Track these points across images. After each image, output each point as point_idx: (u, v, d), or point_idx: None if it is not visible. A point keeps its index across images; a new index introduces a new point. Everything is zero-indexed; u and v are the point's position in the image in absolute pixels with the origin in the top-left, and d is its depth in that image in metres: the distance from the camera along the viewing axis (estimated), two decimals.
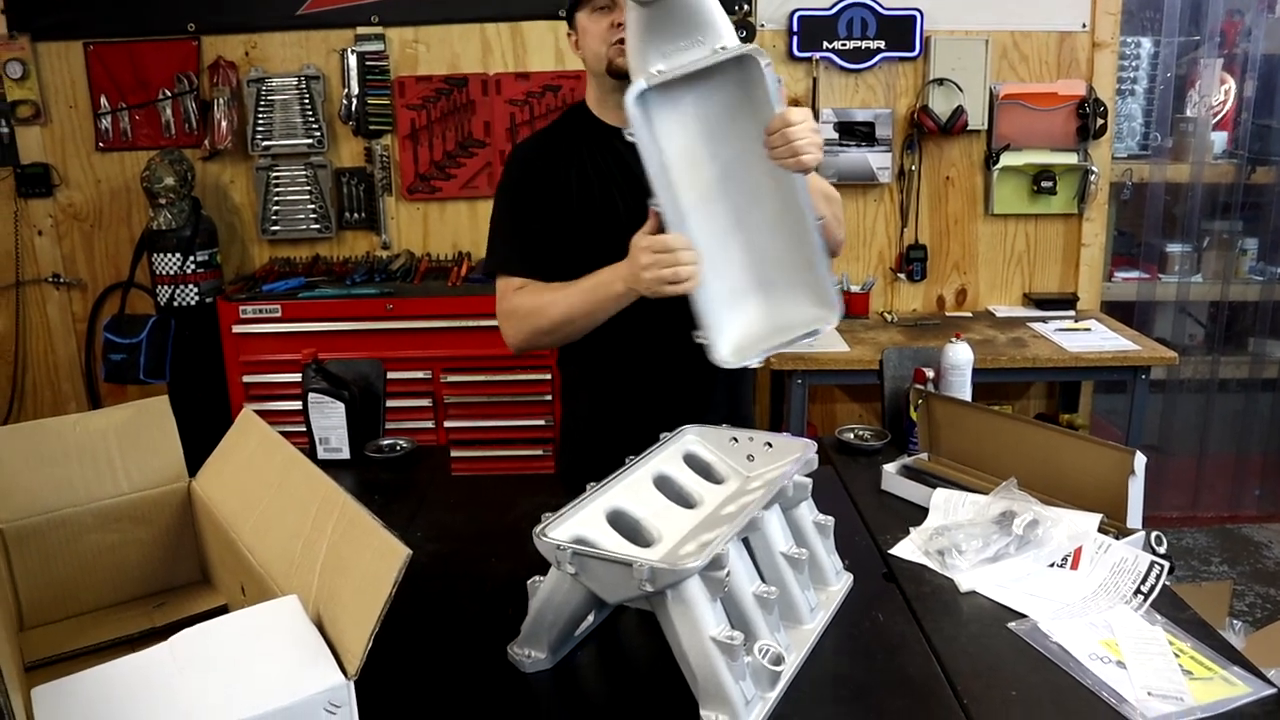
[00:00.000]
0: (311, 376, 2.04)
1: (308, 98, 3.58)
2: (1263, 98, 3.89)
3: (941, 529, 1.67)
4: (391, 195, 3.70)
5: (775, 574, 1.37)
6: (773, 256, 1.73)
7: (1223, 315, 4.11)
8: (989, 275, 3.82)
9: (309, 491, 1.26)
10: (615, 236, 1.73)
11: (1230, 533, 4.04)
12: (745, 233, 1.73)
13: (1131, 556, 1.54)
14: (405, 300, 3.29)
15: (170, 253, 3.44)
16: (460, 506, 1.91)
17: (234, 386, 3.36)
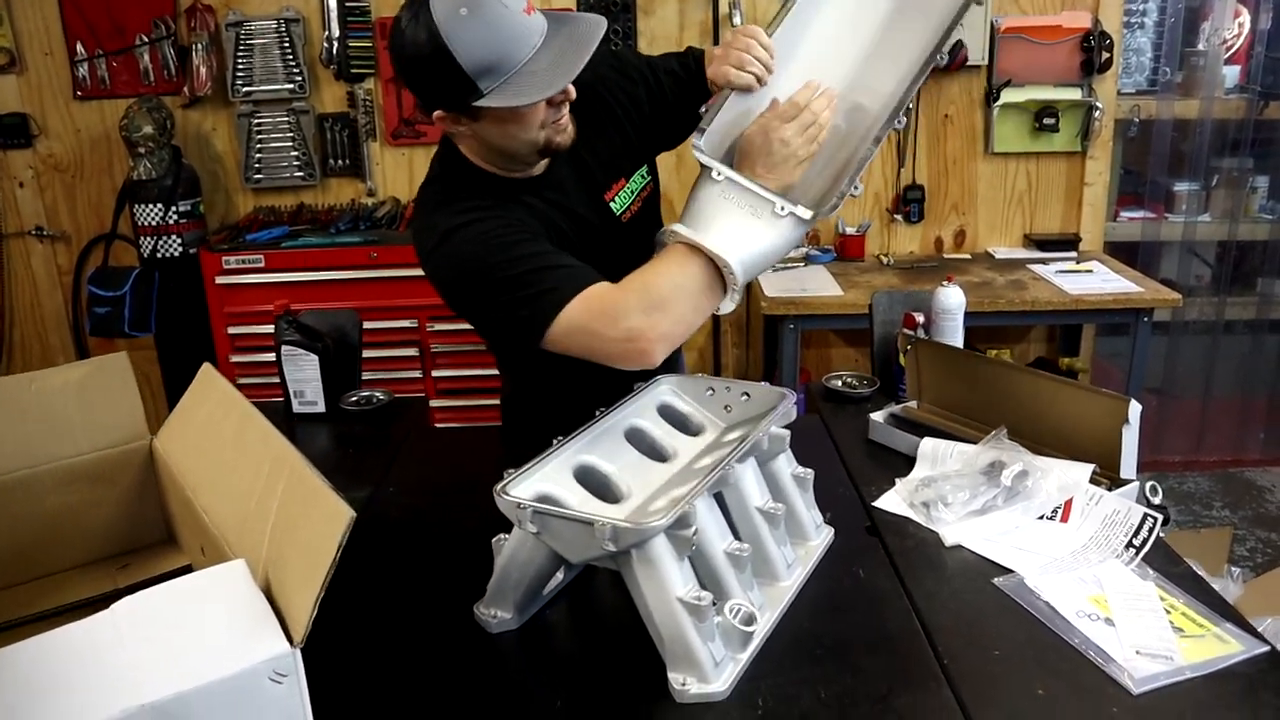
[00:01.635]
0: (284, 329, 1.99)
1: (288, 41, 3.48)
2: (1277, 30, 3.76)
3: (928, 480, 1.63)
4: (375, 141, 3.61)
5: (750, 530, 1.32)
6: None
7: (1230, 255, 4.02)
8: (988, 216, 3.73)
9: (263, 450, 1.21)
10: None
11: (1233, 477, 3.99)
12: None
13: (1124, 508, 1.49)
14: (390, 248, 3.22)
15: (152, 203, 3.36)
16: (437, 459, 1.87)
17: (219, 338, 3.31)
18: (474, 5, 1.34)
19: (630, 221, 1.73)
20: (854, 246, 3.61)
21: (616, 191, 1.71)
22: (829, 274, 3.41)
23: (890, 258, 3.62)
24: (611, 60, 1.72)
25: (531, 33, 1.38)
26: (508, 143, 1.50)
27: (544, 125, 1.49)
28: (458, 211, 1.52)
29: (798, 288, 3.23)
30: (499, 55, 1.36)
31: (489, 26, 1.35)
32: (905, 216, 3.68)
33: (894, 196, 3.69)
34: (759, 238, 1.44)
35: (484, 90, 1.38)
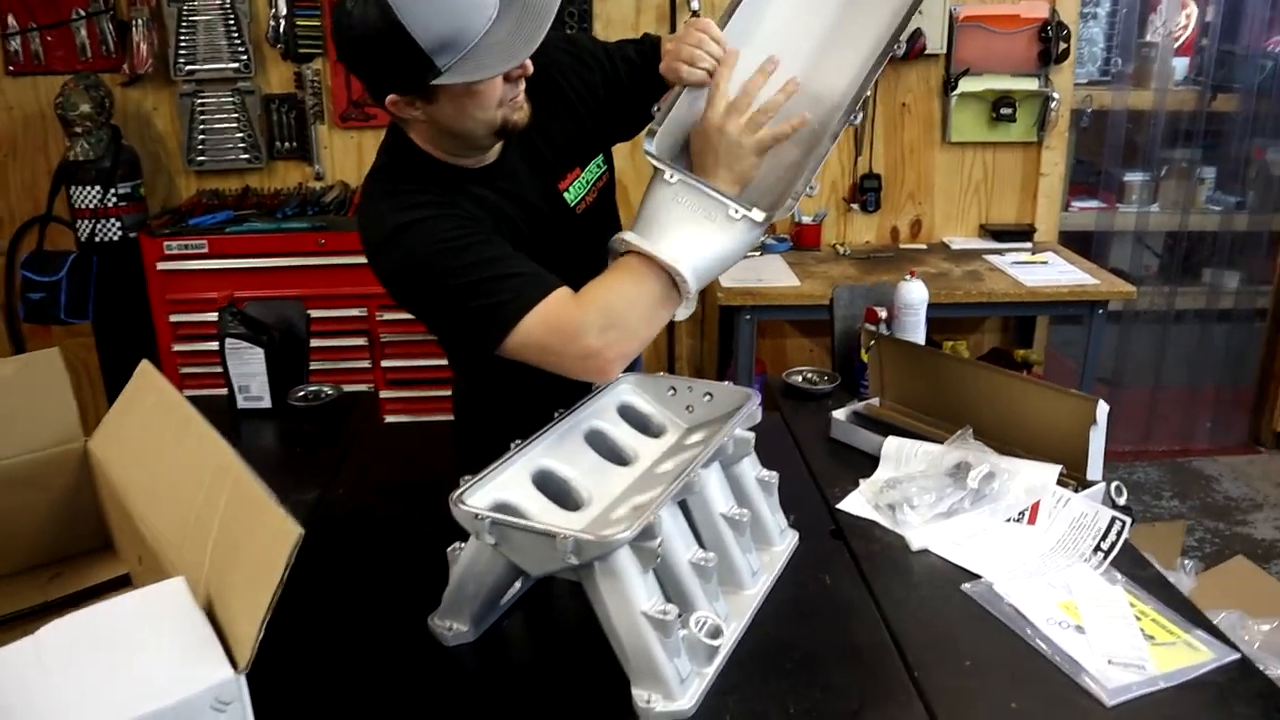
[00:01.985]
0: (228, 321, 1.92)
1: (232, 18, 3.36)
2: (1225, 24, 3.80)
3: (893, 481, 1.60)
4: (324, 123, 3.51)
5: (714, 537, 1.28)
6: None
7: (1181, 246, 4.07)
8: (945, 206, 3.72)
9: (203, 457, 1.15)
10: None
11: (1181, 467, 4.05)
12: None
13: (1092, 511, 1.48)
14: (339, 235, 3.13)
15: (89, 185, 3.24)
16: (387, 458, 1.80)
17: (160, 326, 3.20)
18: None
19: (585, 213, 1.67)
20: (810, 236, 3.58)
21: (571, 181, 1.65)
22: (785, 264, 3.38)
23: (846, 247, 3.60)
24: (567, 46, 1.66)
25: (486, 4, 1.32)
26: (464, 123, 1.42)
27: (502, 103, 1.42)
28: (407, 206, 1.44)
29: (754, 278, 3.20)
30: (456, 28, 1.29)
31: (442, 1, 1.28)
32: (862, 206, 3.66)
33: (851, 185, 3.67)
34: (713, 243, 1.41)
35: (442, 68, 1.31)
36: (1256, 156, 4.01)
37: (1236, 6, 3.79)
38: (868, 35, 1.49)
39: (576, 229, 1.65)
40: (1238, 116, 3.93)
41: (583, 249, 1.60)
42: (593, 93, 1.66)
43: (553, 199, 1.63)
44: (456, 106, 1.39)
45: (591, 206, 1.68)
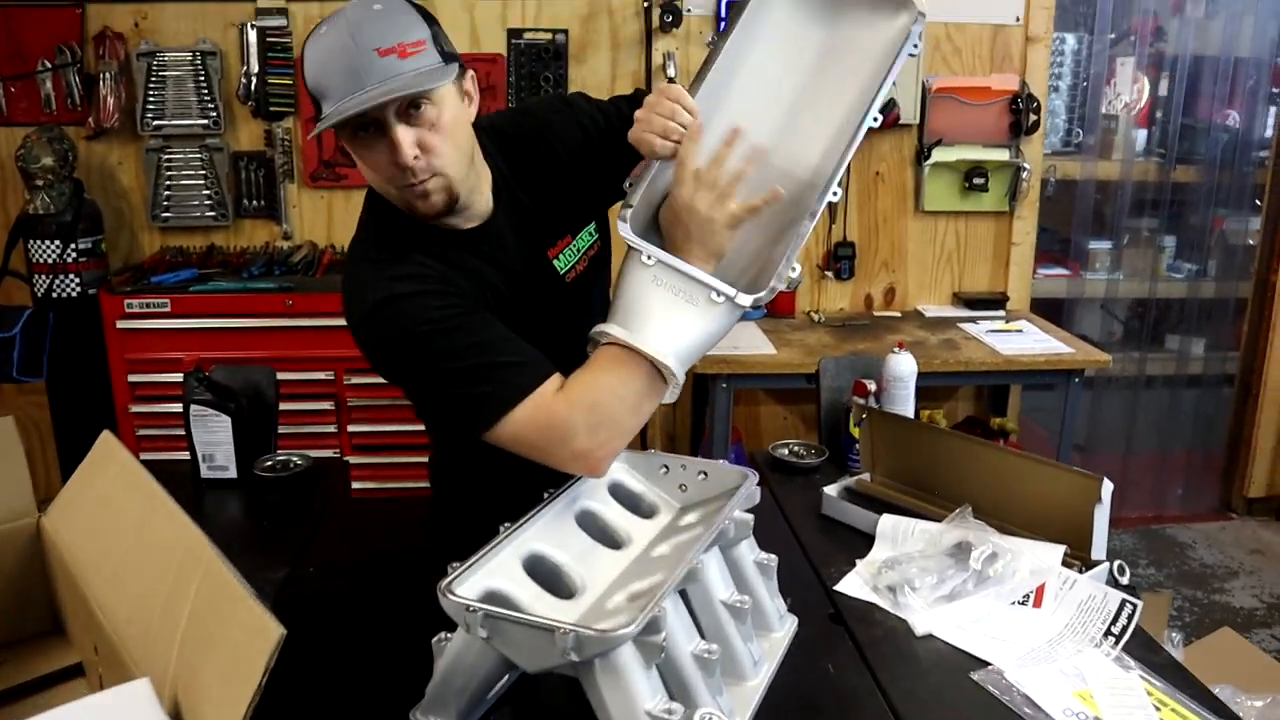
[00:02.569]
0: (194, 386, 1.83)
1: (203, 75, 3.31)
2: (1177, 97, 3.88)
3: (891, 561, 1.54)
4: (293, 182, 3.44)
5: (715, 626, 1.21)
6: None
7: (1150, 313, 4.11)
8: (918, 274, 3.72)
9: (171, 540, 1.06)
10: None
11: (1155, 534, 4.03)
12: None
13: (1100, 594, 1.43)
14: (307, 296, 3.04)
15: (49, 239, 3.14)
16: (360, 534, 1.72)
17: (119, 387, 3.08)
18: (330, 28, 1.29)
19: (575, 282, 1.61)
20: (785, 302, 3.56)
21: (561, 249, 1.59)
22: (760, 331, 3.34)
23: (821, 315, 3.57)
24: (562, 107, 1.63)
25: (367, 74, 1.26)
26: (374, 190, 1.44)
27: (392, 183, 1.36)
28: (399, 277, 1.38)
29: (729, 345, 3.15)
30: (327, 83, 1.29)
31: (327, 52, 1.29)
32: (836, 273, 3.65)
33: (825, 253, 3.66)
34: (696, 327, 1.35)
35: (323, 113, 1.31)
36: (1216, 226, 4.07)
37: (1188, 80, 3.88)
38: (839, 107, 1.44)
39: (566, 297, 1.59)
40: (1197, 187, 4.01)
41: (572, 318, 1.53)
42: (588, 153, 1.60)
43: (541, 266, 1.57)
44: (360, 163, 1.38)
45: (582, 275, 1.62)
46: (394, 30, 1.28)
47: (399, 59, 1.27)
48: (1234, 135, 3.95)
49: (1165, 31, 3.86)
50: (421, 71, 1.29)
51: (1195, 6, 3.83)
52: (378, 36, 1.27)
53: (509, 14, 3.36)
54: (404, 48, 1.27)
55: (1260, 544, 3.98)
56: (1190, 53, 3.85)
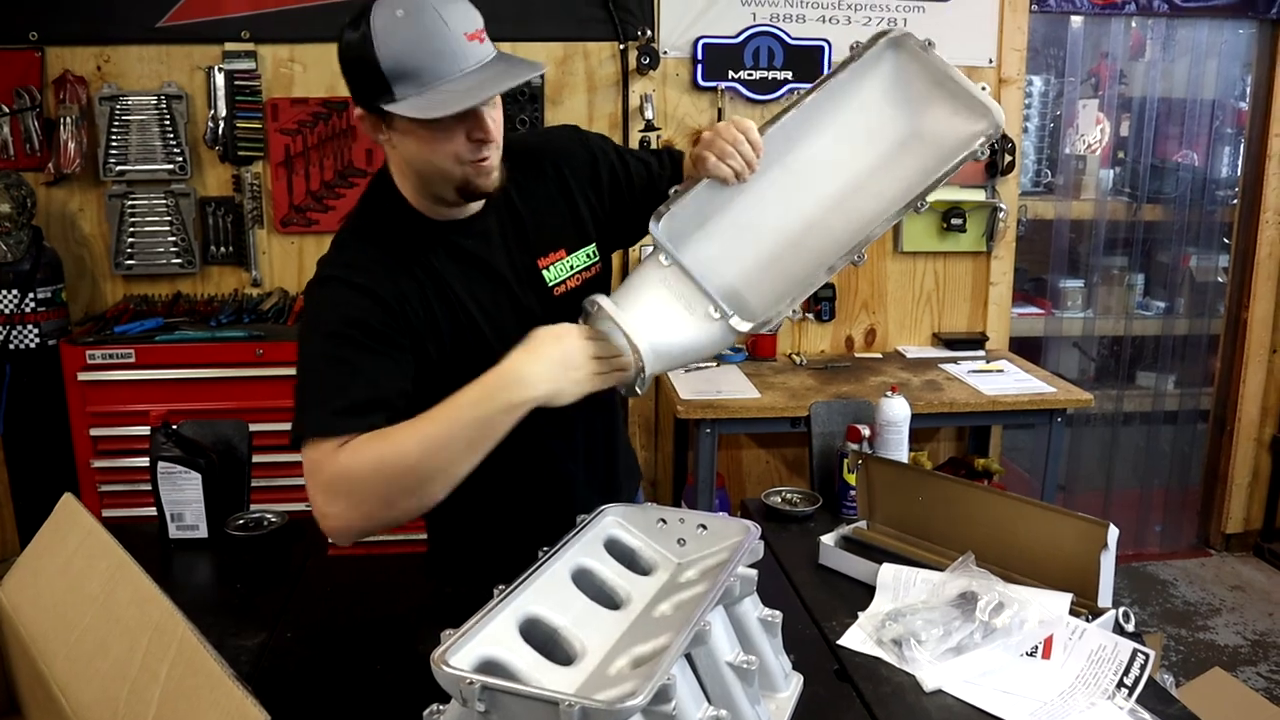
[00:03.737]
0: (162, 442, 1.75)
1: (169, 119, 3.24)
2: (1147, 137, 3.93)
3: (894, 613, 1.49)
4: (263, 228, 3.37)
5: (722, 690, 1.15)
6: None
7: (1125, 351, 4.12)
8: (898, 315, 3.70)
9: (139, 615, 0.99)
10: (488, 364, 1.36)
11: (1136, 571, 4.01)
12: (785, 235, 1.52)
13: (1110, 644, 1.38)
14: (277, 345, 2.96)
15: (6, 289, 3.04)
16: (340, 596, 1.63)
17: (80, 441, 2.98)
18: (412, 10, 1.30)
19: (563, 296, 1.59)
20: (766, 345, 3.52)
21: (553, 261, 1.58)
22: (742, 374, 3.30)
23: (803, 357, 3.54)
24: (577, 137, 1.66)
25: (465, 56, 1.32)
26: (424, 166, 1.41)
27: (461, 160, 1.39)
28: (346, 263, 1.44)
29: (712, 389, 3.11)
30: (419, 65, 1.31)
31: (418, 34, 1.30)
32: (816, 315, 3.62)
33: None
34: (682, 332, 1.42)
35: (397, 96, 1.32)
36: (1184, 263, 4.11)
37: (1155, 121, 3.93)
38: (901, 182, 1.48)
39: (552, 309, 1.55)
40: (1166, 225, 4.06)
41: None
42: (596, 188, 1.62)
43: (528, 272, 1.56)
44: (418, 143, 1.38)
45: (572, 291, 1.58)
46: (470, 16, 1.34)
47: (479, 44, 1.34)
48: (1199, 175, 4.00)
49: (1126, 75, 3.92)
50: (500, 57, 1.36)
51: (1154, 49, 3.89)
52: (463, 21, 1.32)
53: None
54: (480, 33, 1.34)
55: (1240, 580, 3.97)
56: (1158, 94, 3.90)
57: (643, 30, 3.34)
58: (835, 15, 3.45)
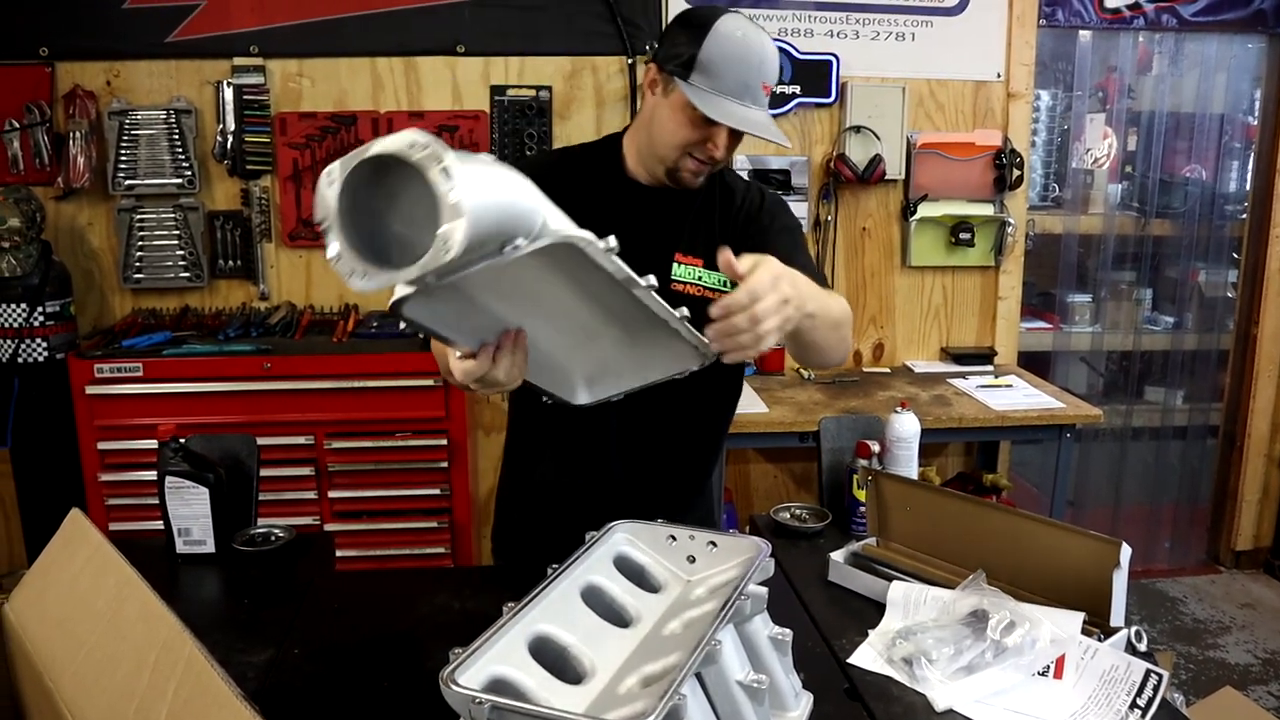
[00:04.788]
0: (169, 457, 1.74)
1: (177, 133, 3.25)
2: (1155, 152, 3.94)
3: (905, 631, 1.47)
4: (271, 241, 3.38)
5: (732, 710, 1.13)
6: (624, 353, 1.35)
7: (1133, 366, 4.11)
8: (906, 329, 3.70)
9: (146, 633, 0.98)
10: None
11: (1145, 588, 3.98)
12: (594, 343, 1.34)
13: (1123, 664, 1.36)
14: (285, 358, 2.96)
15: (15, 303, 3.05)
16: (347, 612, 1.62)
17: (87, 454, 2.98)
18: (746, 40, 1.56)
19: (675, 294, 1.67)
20: (774, 360, 3.52)
21: (688, 264, 1.72)
22: (750, 389, 3.29)
23: (810, 372, 3.53)
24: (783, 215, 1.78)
25: (751, 93, 1.56)
26: (662, 133, 1.63)
27: (684, 149, 1.62)
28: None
29: None
30: (721, 73, 1.55)
31: (738, 56, 1.55)
32: None
33: None
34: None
35: (688, 79, 1.56)
36: (1192, 279, 4.10)
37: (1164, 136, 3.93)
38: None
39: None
40: (1174, 240, 4.05)
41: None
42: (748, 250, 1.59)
43: (660, 258, 1.68)
44: (673, 117, 1.61)
45: (685, 296, 1.68)
46: (774, 74, 1.60)
47: (763, 94, 1.60)
48: (1208, 189, 3.99)
49: (1134, 89, 3.91)
50: (769, 115, 1.63)
51: (1162, 64, 3.89)
52: (768, 74, 1.59)
53: (492, 71, 3.34)
54: (770, 89, 1.61)
55: (1250, 597, 3.94)
56: (1166, 109, 3.90)
57: (650, 44, 3.35)
58: (844, 30, 3.46)
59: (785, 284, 1.27)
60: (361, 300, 3.40)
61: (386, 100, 3.34)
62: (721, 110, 1.55)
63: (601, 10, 3.34)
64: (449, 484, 3.05)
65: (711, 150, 1.61)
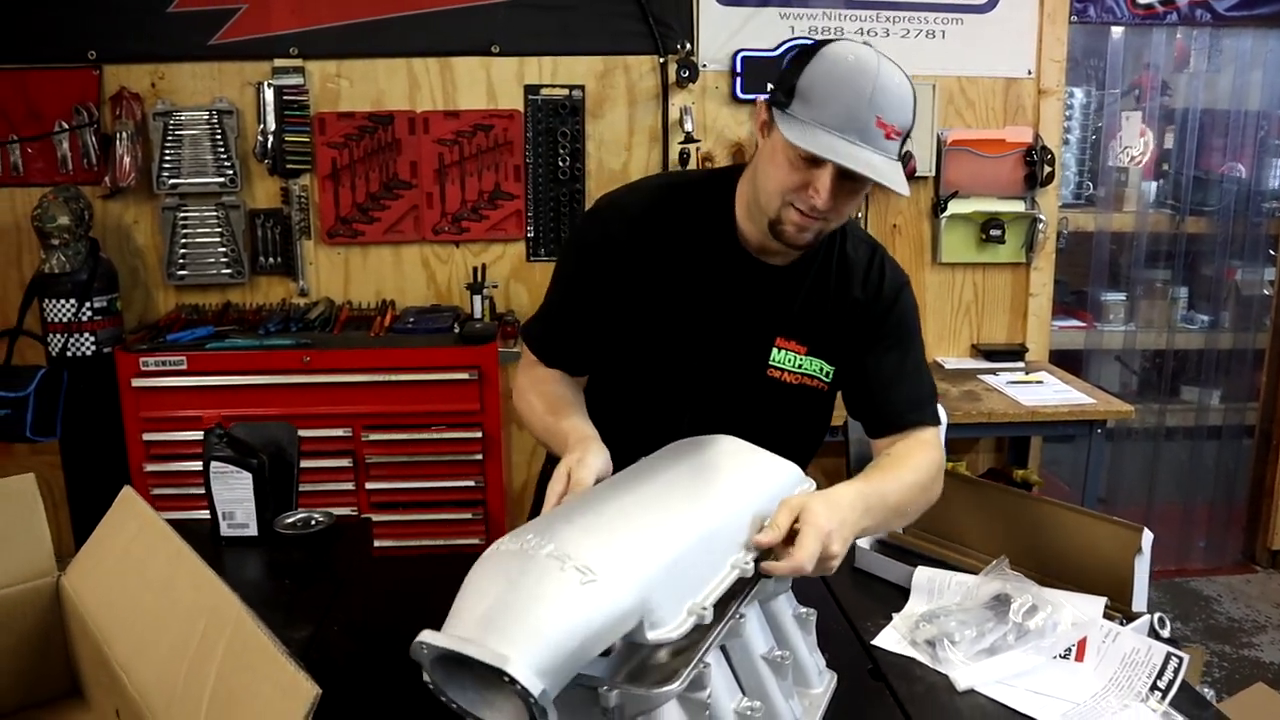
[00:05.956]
0: (214, 443, 1.80)
1: (219, 133, 3.34)
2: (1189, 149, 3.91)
3: (929, 615, 1.50)
4: (310, 239, 3.45)
5: (755, 683, 1.17)
6: None
7: (1167, 365, 4.09)
8: (936, 326, 3.70)
9: (196, 598, 1.03)
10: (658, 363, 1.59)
11: (1179, 587, 3.96)
12: None
13: (1144, 647, 1.39)
14: (324, 352, 3.03)
15: (64, 298, 3.14)
16: (384, 594, 1.68)
17: (133, 445, 3.06)
18: (858, 67, 1.35)
19: (772, 381, 1.59)
20: None
21: (788, 349, 1.59)
22: None
23: None
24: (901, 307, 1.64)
25: (862, 128, 1.34)
26: (760, 179, 1.46)
27: (784, 195, 1.41)
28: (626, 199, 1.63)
29: None
30: (824, 101, 1.35)
31: (845, 80, 1.35)
32: None
33: None
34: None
35: (788, 108, 1.38)
36: (1228, 277, 4.07)
37: (1199, 133, 3.91)
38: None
39: (751, 382, 1.59)
40: (1210, 238, 4.01)
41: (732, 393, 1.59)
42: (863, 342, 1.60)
43: (759, 341, 1.58)
44: (771, 155, 1.42)
45: (783, 384, 1.59)
46: (897, 111, 1.35)
47: (884, 137, 1.35)
48: (1244, 186, 3.96)
49: (1170, 86, 3.89)
50: (892, 161, 1.37)
51: (1199, 60, 3.86)
52: (887, 108, 1.34)
53: (526, 71, 3.40)
54: (893, 130, 1.35)
55: None
56: (1200, 105, 3.87)
57: (682, 44, 3.39)
58: (874, 28, 3.48)
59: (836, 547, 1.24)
60: (397, 296, 3.47)
61: (423, 100, 3.40)
62: (814, 142, 1.34)
63: (633, 10, 3.38)
64: (483, 476, 3.11)
65: (812, 197, 1.38)
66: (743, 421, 1.45)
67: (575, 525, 1.02)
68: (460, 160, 3.41)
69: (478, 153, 3.40)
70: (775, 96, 1.41)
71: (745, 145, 3.47)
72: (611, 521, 1.05)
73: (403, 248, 3.47)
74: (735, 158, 3.48)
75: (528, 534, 0.99)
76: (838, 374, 1.62)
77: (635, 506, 1.11)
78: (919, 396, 1.61)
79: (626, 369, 1.64)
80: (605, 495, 1.15)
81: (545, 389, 1.62)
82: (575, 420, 1.50)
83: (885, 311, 1.60)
